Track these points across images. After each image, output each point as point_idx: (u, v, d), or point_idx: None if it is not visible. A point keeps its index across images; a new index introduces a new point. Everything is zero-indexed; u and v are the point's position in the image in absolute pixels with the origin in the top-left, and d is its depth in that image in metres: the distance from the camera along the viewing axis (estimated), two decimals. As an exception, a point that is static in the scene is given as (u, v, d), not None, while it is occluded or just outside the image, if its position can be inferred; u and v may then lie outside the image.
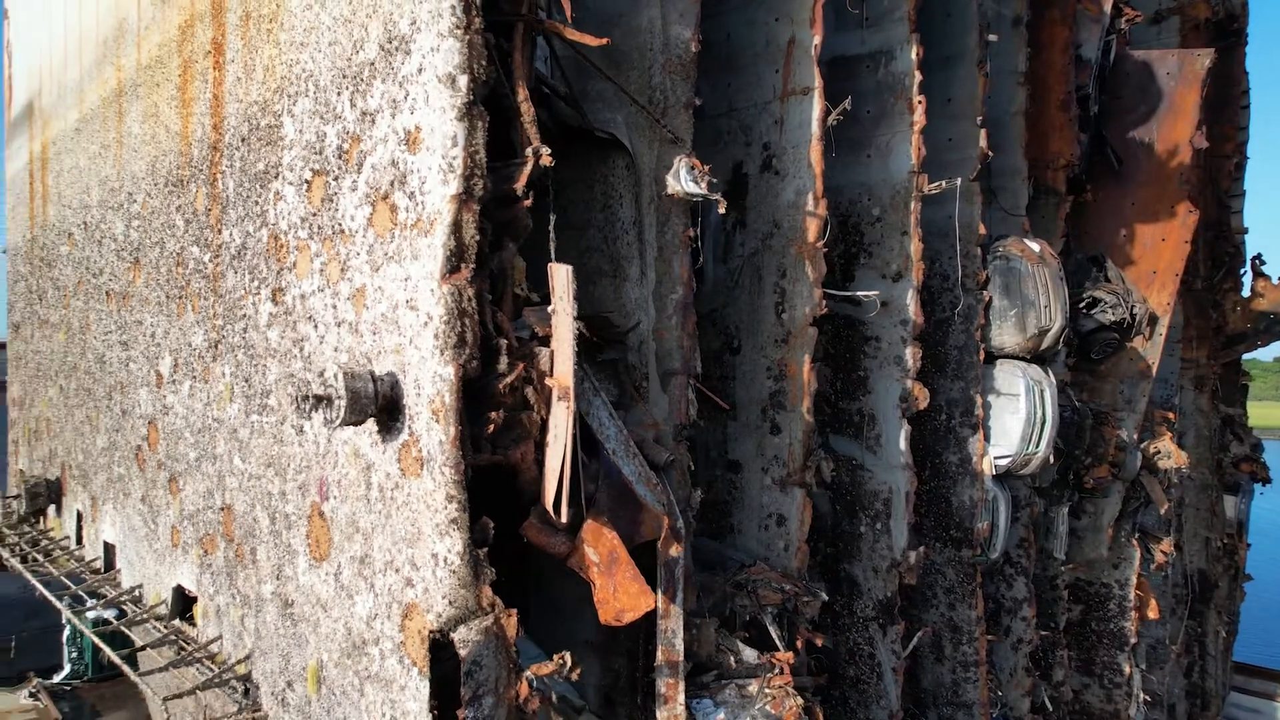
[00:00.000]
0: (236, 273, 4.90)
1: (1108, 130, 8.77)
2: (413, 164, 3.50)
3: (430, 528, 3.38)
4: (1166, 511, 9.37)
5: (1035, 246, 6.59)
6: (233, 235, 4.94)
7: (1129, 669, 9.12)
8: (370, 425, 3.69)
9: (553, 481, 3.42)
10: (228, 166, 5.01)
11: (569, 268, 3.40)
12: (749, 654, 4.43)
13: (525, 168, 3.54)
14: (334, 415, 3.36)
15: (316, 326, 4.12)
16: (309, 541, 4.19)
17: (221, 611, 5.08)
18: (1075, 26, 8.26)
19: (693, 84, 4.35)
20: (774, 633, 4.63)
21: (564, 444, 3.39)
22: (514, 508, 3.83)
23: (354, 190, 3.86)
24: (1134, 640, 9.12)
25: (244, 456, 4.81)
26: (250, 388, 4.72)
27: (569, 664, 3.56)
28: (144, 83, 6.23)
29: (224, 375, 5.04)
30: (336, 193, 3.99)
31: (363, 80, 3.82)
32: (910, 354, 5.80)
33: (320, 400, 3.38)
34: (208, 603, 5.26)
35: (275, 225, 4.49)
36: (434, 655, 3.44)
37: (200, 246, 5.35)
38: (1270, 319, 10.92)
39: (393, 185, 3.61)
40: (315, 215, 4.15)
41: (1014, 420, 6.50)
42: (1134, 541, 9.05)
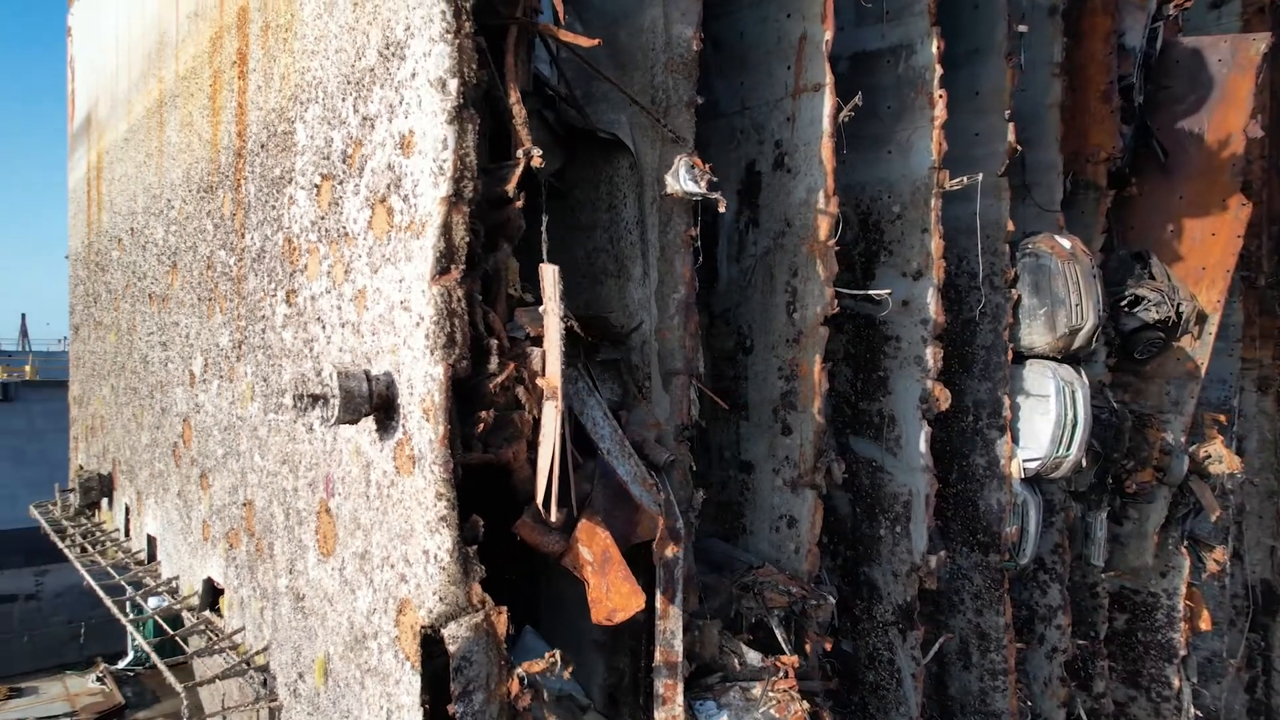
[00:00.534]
0: (257, 275, 5.05)
1: (1154, 121, 8.44)
2: (407, 167, 3.57)
3: (421, 525, 3.44)
4: (1220, 518, 8.97)
5: (1066, 243, 6.38)
6: (254, 239, 5.10)
7: (1178, 682, 8.75)
8: (370, 424, 3.77)
9: (543, 481, 3.44)
10: (250, 172, 5.18)
11: (556, 268, 3.42)
12: (752, 656, 4.39)
13: (516, 170, 3.57)
14: (329, 414, 3.45)
15: (324, 327, 4.23)
16: (318, 537, 4.30)
17: (244, 604, 5.25)
18: (1118, 14, 7.97)
19: (694, 83, 4.33)
20: (780, 636, 4.58)
21: (552, 443, 3.41)
22: (518, 507, 3.87)
23: (356, 194, 3.95)
24: (1184, 652, 8.75)
25: (263, 454, 4.96)
26: (268, 387, 4.87)
27: (559, 663, 3.58)
28: (181, 93, 6.48)
29: (246, 375, 5.20)
30: (341, 196, 4.09)
31: (364, 86, 3.91)
32: (931, 354, 5.68)
33: (316, 399, 3.46)
34: (233, 595, 5.44)
35: (289, 229, 4.62)
36: (427, 650, 3.50)
37: (227, 250, 5.53)
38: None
39: (389, 188, 3.68)
40: (323, 219, 4.26)
41: (1044, 422, 6.30)
42: (1183, 549, 8.68)
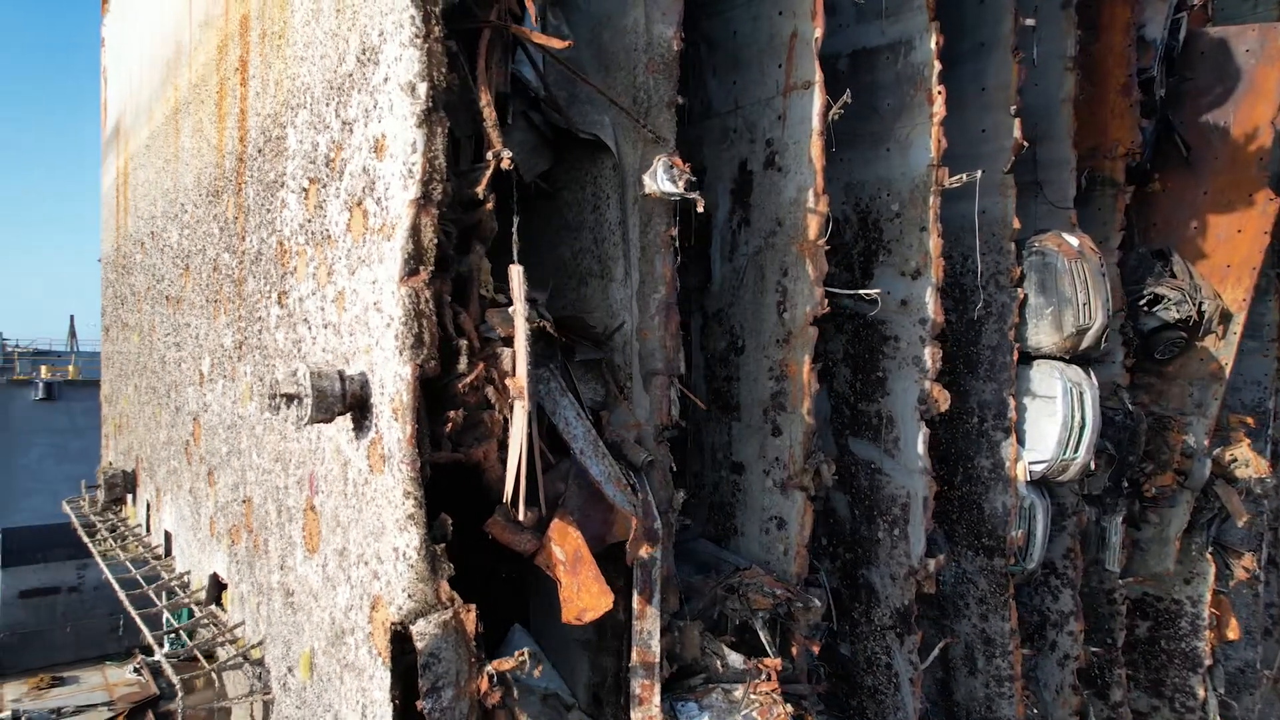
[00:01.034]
0: (255, 278, 5.17)
1: (1177, 115, 8.20)
2: (379, 170, 3.62)
3: (391, 522, 3.49)
4: (1248, 524, 8.69)
5: (1074, 241, 6.24)
6: (253, 242, 5.22)
7: (1203, 693, 8.50)
8: (347, 423, 3.84)
9: (510, 480, 3.47)
10: (250, 176, 5.30)
11: (521, 268, 3.45)
12: (734, 658, 4.37)
13: (487, 172, 3.61)
14: (302, 412, 3.52)
15: (310, 328, 4.31)
16: (304, 534, 4.39)
17: (244, 599, 5.38)
18: (1138, 5, 7.77)
19: (675, 83, 4.32)
20: (764, 638, 4.55)
21: (519, 443, 3.44)
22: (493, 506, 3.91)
23: (337, 197, 4.03)
24: (1209, 662, 8.49)
25: (259, 452, 5.08)
26: (264, 386, 4.98)
27: (528, 661, 3.60)
28: (193, 100, 6.65)
29: (246, 374, 5.32)
30: (325, 200, 4.17)
31: (344, 91, 3.98)
32: (929, 354, 5.59)
33: (289, 398, 3.54)
34: (234, 589, 5.57)
35: (281, 232, 4.72)
36: (399, 647, 3.55)
37: (230, 253, 5.67)
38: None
39: (364, 191, 3.75)
40: (310, 222, 4.34)
41: (1050, 424, 6.17)
42: (1208, 555, 8.43)
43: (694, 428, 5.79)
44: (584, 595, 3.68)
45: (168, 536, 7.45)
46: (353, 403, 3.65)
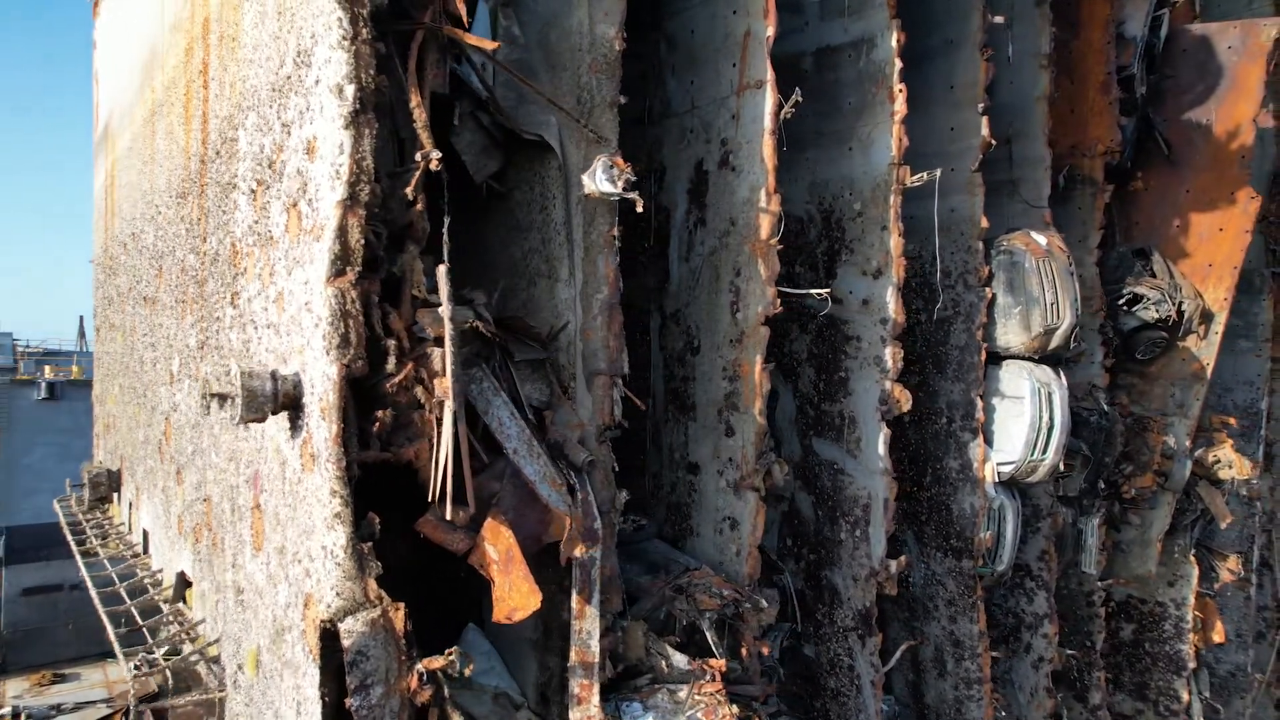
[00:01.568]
0: (214, 278, 5.21)
1: (1160, 113, 8.11)
2: (311, 172, 3.65)
3: (320, 521, 3.51)
4: (1232, 525, 8.58)
5: (1042, 239, 6.18)
6: (212, 243, 5.26)
7: (1187, 696, 8.40)
8: (285, 422, 3.86)
9: (435, 479, 3.48)
10: (210, 178, 5.34)
11: (448, 268, 3.47)
12: (679, 659, 4.36)
13: (416, 173, 3.62)
14: (233, 412, 3.55)
15: (257, 328, 4.34)
16: (252, 532, 4.42)
17: (205, 596, 5.42)
18: (1117, 2, 7.70)
19: (617, 82, 4.32)
20: (710, 638, 4.54)
21: (445, 443, 3.45)
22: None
23: (279, 199, 4.05)
24: (1193, 665, 8.39)
25: (217, 451, 5.12)
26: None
27: (458, 660, 3.61)
28: (165, 103, 6.71)
29: (206, 374, 5.36)
30: (269, 201, 4.20)
31: (284, 93, 4.00)
32: (890, 354, 5.56)
33: (221, 397, 3.57)
34: (197, 587, 5.62)
35: (234, 233, 4.76)
36: (330, 645, 3.57)
37: (195, 254, 5.72)
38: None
39: (299, 193, 3.77)
40: (257, 223, 4.38)
41: (1018, 425, 6.12)
42: (1191, 558, 8.33)
43: (654, 428, 5.79)
44: (514, 594, 3.68)
45: (145, 535, 7.52)
46: (286, 402, 3.68)
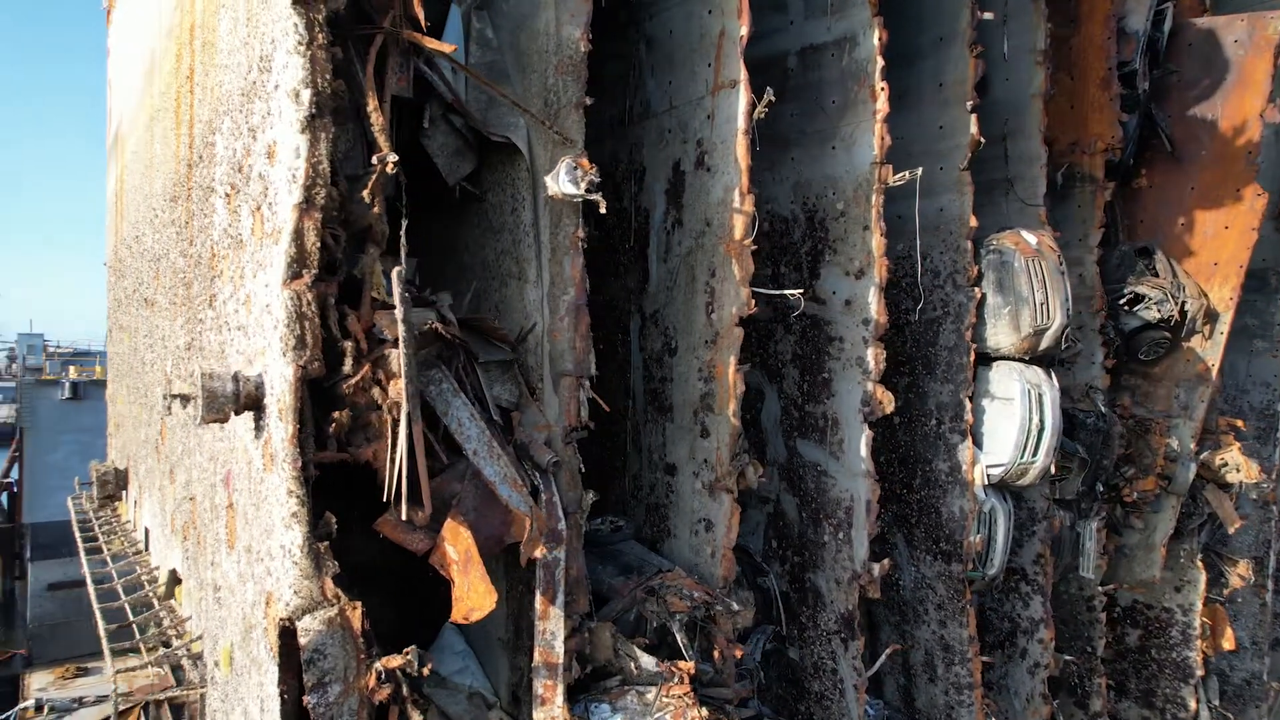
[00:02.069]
0: (198, 281, 5.30)
1: (1164, 109, 7.94)
2: (271, 175, 3.69)
3: (278, 520, 3.56)
4: (1243, 531, 8.38)
5: (1032, 239, 6.08)
6: (197, 246, 5.35)
7: (1195, 704, 8.22)
8: (250, 422, 3.91)
9: (390, 480, 3.51)
10: (195, 183, 5.43)
11: (399, 269, 3.49)
12: (647, 661, 4.35)
13: (373, 176, 3.65)
14: (194, 412, 3.60)
15: (229, 330, 4.40)
16: (227, 530, 4.49)
17: (190, 593, 5.51)
18: (1118, -3, 7.55)
19: (583, 84, 4.32)
20: (680, 640, 4.52)
21: (400, 443, 3.48)
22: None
23: (247, 202, 4.11)
24: (1200, 672, 8.21)
25: (201, 451, 5.20)
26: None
27: (416, 659, 3.63)
28: (161, 109, 6.84)
29: (193, 374, 5.45)
30: (240, 204, 4.26)
31: (251, 98, 4.06)
32: (873, 355, 5.50)
33: (183, 398, 3.63)
34: (186, 584, 5.71)
35: (213, 236, 4.83)
36: (289, 643, 3.61)
37: (184, 257, 5.81)
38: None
39: (262, 196, 3.82)
40: (230, 227, 4.44)
41: (1008, 426, 6.02)
42: (1198, 563, 8.14)
43: (634, 429, 5.79)
44: (472, 594, 3.70)
45: (146, 533, 7.66)
46: (248, 403, 3.72)
